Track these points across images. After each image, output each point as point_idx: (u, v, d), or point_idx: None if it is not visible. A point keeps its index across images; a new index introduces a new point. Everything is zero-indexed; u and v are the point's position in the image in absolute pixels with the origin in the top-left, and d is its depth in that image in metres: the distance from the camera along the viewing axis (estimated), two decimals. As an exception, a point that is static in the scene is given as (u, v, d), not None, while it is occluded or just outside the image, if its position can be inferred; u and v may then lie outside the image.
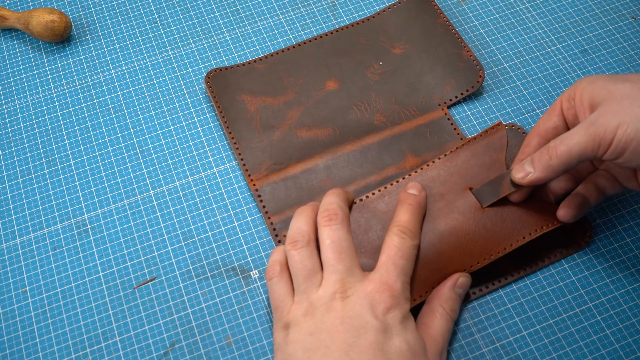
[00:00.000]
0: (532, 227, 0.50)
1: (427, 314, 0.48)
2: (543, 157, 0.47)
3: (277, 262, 0.48)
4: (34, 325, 0.51)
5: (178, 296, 0.52)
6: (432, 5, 0.65)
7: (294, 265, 0.46)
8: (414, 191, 0.51)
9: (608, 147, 0.44)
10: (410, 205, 0.49)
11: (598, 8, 0.67)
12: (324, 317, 0.44)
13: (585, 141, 0.44)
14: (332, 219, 0.47)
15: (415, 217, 0.49)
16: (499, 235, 0.50)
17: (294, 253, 0.47)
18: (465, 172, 0.52)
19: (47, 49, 0.65)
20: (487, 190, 0.51)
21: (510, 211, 0.50)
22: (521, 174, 0.48)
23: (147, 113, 0.61)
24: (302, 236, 0.47)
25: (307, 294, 0.45)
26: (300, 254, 0.46)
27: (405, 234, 0.47)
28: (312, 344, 0.43)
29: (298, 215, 0.49)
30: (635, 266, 0.53)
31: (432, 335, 0.47)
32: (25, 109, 0.62)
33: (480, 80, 0.61)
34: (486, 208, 0.50)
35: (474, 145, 0.54)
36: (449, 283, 0.49)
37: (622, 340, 0.50)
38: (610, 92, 0.45)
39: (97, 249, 0.54)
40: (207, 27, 0.67)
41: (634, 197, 0.56)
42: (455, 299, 0.49)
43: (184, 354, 0.50)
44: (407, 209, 0.49)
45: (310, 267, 0.46)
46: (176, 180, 0.58)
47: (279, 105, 0.61)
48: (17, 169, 0.59)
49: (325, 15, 0.67)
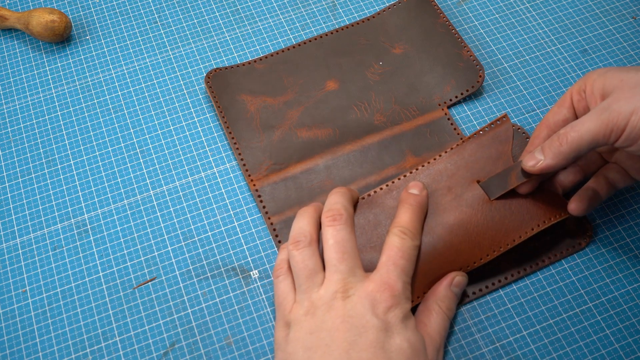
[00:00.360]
0: (540, 218, 0.50)
1: (423, 312, 0.48)
2: (554, 144, 0.46)
3: (285, 261, 0.49)
4: (34, 325, 0.51)
5: (178, 296, 0.52)
6: (432, 5, 0.65)
7: (295, 265, 0.47)
8: (415, 191, 0.51)
9: (621, 133, 0.43)
10: (410, 206, 0.49)
11: (598, 8, 0.67)
12: (324, 316, 0.44)
13: (597, 127, 0.44)
14: (337, 219, 0.47)
15: (416, 216, 0.49)
16: (508, 227, 0.50)
17: (296, 253, 0.47)
18: (472, 165, 0.52)
19: (47, 49, 0.65)
20: (494, 183, 0.51)
21: (519, 203, 0.50)
22: (532, 162, 0.48)
23: (147, 113, 0.61)
24: (304, 236, 0.47)
25: (309, 293, 0.45)
26: (302, 254, 0.46)
27: (405, 234, 0.47)
28: (313, 342, 0.43)
29: (300, 215, 0.49)
30: (635, 266, 0.53)
31: (429, 333, 0.47)
32: (25, 109, 0.62)
33: (480, 80, 0.61)
34: (494, 201, 0.50)
35: (480, 138, 0.54)
36: (445, 282, 0.49)
37: (622, 340, 0.50)
38: (622, 80, 0.44)
39: (97, 249, 0.54)
40: (207, 27, 0.67)
41: (634, 197, 0.56)
42: (452, 297, 0.49)
43: (184, 354, 0.50)
44: (408, 209, 0.49)
45: (312, 266, 0.46)
46: (176, 180, 0.58)
47: (279, 105, 0.61)
48: (17, 169, 0.59)
49: (325, 15, 0.67)
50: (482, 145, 0.53)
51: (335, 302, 0.44)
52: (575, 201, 0.51)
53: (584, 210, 0.51)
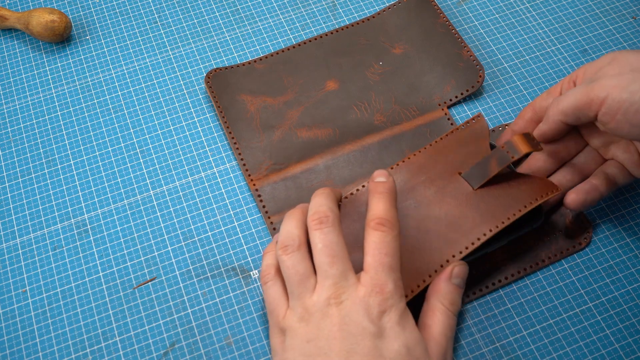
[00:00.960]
0: (527, 200, 0.49)
1: (427, 314, 0.47)
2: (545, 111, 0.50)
3: (271, 266, 0.48)
4: (34, 325, 0.51)
5: (178, 296, 0.52)
6: (432, 5, 0.65)
7: (286, 270, 0.45)
8: (382, 178, 0.48)
9: (600, 105, 0.46)
10: (381, 194, 0.47)
11: (598, 8, 0.67)
12: (320, 323, 0.43)
13: (580, 95, 0.47)
14: (323, 221, 0.46)
15: (389, 203, 0.47)
16: (494, 212, 0.49)
17: (285, 258, 0.46)
18: (453, 159, 0.52)
19: (47, 49, 0.65)
20: (475, 173, 0.51)
21: (502, 188, 0.50)
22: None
23: (147, 113, 0.61)
24: (292, 240, 0.46)
25: (302, 299, 0.44)
26: (292, 259, 0.45)
27: (384, 225, 0.45)
28: (311, 351, 0.43)
29: (288, 218, 0.48)
30: (635, 266, 0.53)
31: (433, 336, 0.46)
32: (25, 109, 0.62)
33: (480, 80, 0.61)
34: (478, 190, 0.50)
35: (458, 135, 0.54)
36: (444, 275, 0.48)
37: (622, 340, 0.50)
38: (614, 58, 0.47)
39: (97, 249, 0.54)
40: (207, 27, 0.67)
41: (634, 197, 0.56)
42: (453, 290, 0.48)
43: (184, 354, 0.50)
44: (380, 199, 0.47)
45: (303, 271, 0.45)
46: (176, 180, 0.58)
47: (279, 105, 0.61)
48: (17, 169, 0.59)
49: (325, 15, 0.67)
50: (460, 140, 0.53)
51: (329, 309, 0.43)
52: (572, 193, 0.51)
53: (581, 202, 0.51)
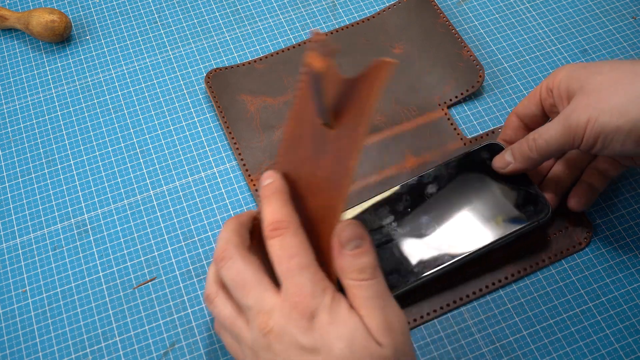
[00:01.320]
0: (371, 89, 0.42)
1: (348, 297, 0.41)
2: (523, 149, 0.50)
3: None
4: (34, 325, 0.51)
5: (178, 296, 0.52)
6: (432, 5, 0.65)
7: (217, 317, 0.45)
8: (268, 180, 0.45)
9: (581, 140, 0.47)
10: (268, 197, 0.44)
11: (598, 8, 0.67)
12: (267, 356, 0.40)
13: (561, 134, 0.48)
14: (224, 257, 0.43)
15: (280, 202, 0.43)
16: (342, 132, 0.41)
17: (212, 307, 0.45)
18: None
19: (47, 49, 0.65)
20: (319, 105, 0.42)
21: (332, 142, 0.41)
22: (501, 163, 0.52)
23: (147, 113, 0.61)
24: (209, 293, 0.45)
25: (243, 341, 0.42)
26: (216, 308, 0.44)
27: (279, 229, 0.42)
28: None
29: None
30: (635, 266, 0.53)
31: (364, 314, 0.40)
32: (25, 109, 0.62)
33: (480, 80, 0.61)
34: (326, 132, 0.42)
35: None
36: (335, 249, 0.41)
37: (622, 340, 0.50)
38: (582, 86, 0.48)
39: (97, 249, 0.54)
40: (207, 27, 0.67)
41: (634, 197, 0.56)
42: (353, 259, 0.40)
43: (184, 354, 0.50)
44: (269, 201, 0.44)
45: (229, 315, 0.43)
46: (176, 180, 0.58)
47: (279, 105, 0.61)
48: (17, 169, 0.59)
49: (325, 15, 0.67)
50: None
51: (266, 339, 0.40)
52: (573, 197, 0.53)
53: (584, 204, 0.53)
